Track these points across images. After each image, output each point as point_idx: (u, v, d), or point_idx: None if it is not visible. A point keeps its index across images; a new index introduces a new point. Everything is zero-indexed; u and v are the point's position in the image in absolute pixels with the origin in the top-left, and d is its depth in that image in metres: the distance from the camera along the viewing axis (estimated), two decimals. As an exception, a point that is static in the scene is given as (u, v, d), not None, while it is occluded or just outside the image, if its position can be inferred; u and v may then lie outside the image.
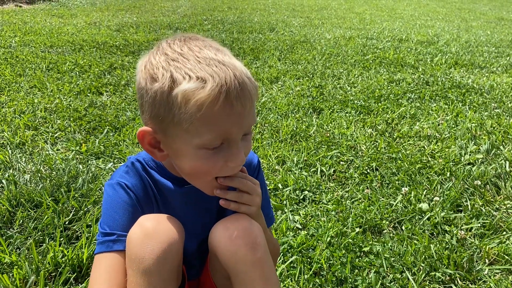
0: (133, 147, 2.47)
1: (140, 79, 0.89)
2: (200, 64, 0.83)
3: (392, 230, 1.86)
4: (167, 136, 0.89)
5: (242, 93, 0.84)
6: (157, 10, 8.59)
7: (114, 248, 0.94)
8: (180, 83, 0.82)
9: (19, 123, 2.71)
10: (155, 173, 1.04)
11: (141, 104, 0.90)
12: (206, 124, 0.83)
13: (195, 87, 0.80)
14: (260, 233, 0.97)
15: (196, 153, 0.87)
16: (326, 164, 2.37)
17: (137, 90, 0.92)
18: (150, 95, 0.85)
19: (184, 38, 0.90)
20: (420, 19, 9.00)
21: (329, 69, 4.45)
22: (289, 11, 9.42)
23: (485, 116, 3.18)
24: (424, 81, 4.06)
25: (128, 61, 4.42)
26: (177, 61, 0.84)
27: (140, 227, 0.91)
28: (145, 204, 1.02)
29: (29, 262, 1.51)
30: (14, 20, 6.53)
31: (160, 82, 0.83)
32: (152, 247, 0.87)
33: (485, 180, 2.22)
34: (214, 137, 0.85)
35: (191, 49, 0.86)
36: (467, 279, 1.57)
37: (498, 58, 5.24)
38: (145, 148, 0.93)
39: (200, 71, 0.82)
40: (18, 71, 3.83)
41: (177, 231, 0.93)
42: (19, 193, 1.91)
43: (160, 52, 0.88)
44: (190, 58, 0.84)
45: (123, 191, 0.99)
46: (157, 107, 0.85)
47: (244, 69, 0.87)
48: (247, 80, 0.86)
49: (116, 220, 0.96)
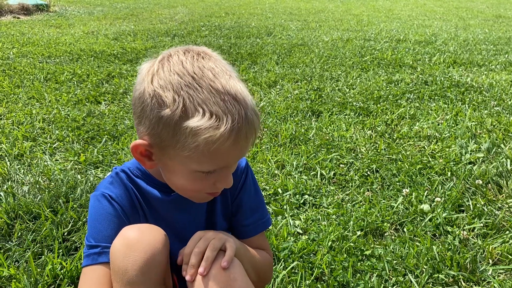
0: (131, 155, 2.45)
1: (145, 92, 0.84)
2: (215, 97, 0.81)
3: (393, 233, 1.85)
4: (164, 153, 0.88)
5: (249, 132, 0.85)
6: (154, 18, 8.61)
7: (99, 260, 0.93)
8: (192, 116, 0.80)
9: (17, 134, 2.71)
10: (141, 182, 1.03)
11: (140, 116, 0.87)
12: (209, 156, 0.84)
13: (208, 126, 0.79)
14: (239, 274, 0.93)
15: (190, 174, 0.89)
16: (326, 167, 2.36)
17: (137, 99, 0.87)
18: (155, 115, 0.83)
19: (197, 55, 0.86)
20: (418, 19, 9.00)
21: (327, 71, 4.44)
22: (286, 15, 9.43)
23: (485, 114, 3.16)
24: (422, 81, 4.05)
25: (126, 69, 4.42)
26: (190, 88, 0.81)
27: (122, 239, 0.89)
28: (131, 215, 1.01)
29: (27, 275, 1.50)
30: (12, 32, 6.55)
31: (170, 108, 0.80)
32: (134, 258, 0.86)
33: (487, 179, 2.20)
34: (213, 166, 0.88)
35: (205, 74, 0.83)
36: (471, 280, 1.55)
37: (496, 56, 5.23)
38: (135, 156, 0.92)
39: (214, 106, 0.80)
40: (16, 82, 3.83)
41: (161, 240, 0.91)
42: (18, 205, 1.90)
43: (171, 67, 0.84)
44: (204, 86, 0.81)
45: (107, 202, 0.98)
46: (160, 128, 0.83)
47: (253, 102, 0.87)
48: (255, 118, 0.86)
49: (101, 232, 0.95)
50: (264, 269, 1.14)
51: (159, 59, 0.88)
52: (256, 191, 1.17)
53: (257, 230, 1.16)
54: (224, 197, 1.12)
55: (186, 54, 0.87)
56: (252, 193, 1.15)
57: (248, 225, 1.14)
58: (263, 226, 1.17)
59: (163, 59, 0.87)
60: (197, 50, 0.88)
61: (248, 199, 1.14)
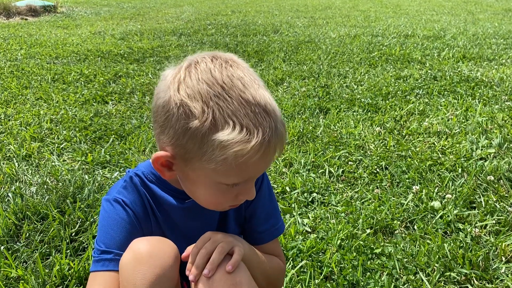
0: (138, 155, 2.45)
1: (171, 101, 0.80)
2: (245, 109, 0.78)
3: (404, 230, 1.82)
4: (187, 164, 0.85)
5: (278, 145, 0.83)
6: (161, 17, 8.61)
7: (110, 267, 0.91)
8: (222, 129, 0.77)
9: (25, 135, 2.71)
10: (155, 187, 1.00)
11: (163, 125, 0.83)
12: (236, 170, 0.81)
13: (240, 140, 0.77)
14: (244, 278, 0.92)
15: (213, 186, 0.87)
16: (334, 165, 2.33)
17: (160, 107, 0.83)
18: (181, 125, 0.79)
19: (225, 63, 0.83)
20: (426, 14, 8.91)
21: (334, 68, 4.40)
22: (293, 12, 9.39)
23: (495, 109, 3.11)
24: (431, 76, 4.00)
25: (133, 69, 4.43)
26: (220, 98, 0.78)
27: (132, 252, 0.88)
28: (143, 221, 0.99)
29: (35, 276, 1.50)
30: (20, 33, 6.59)
31: (199, 120, 0.77)
32: (143, 272, 0.84)
33: (498, 175, 2.16)
34: (239, 180, 0.85)
35: (234, 84, 0.80)
36: (484, 279, 1.52)
37: (507, 50, 5.15)
38: (155, 167, 0.88)
39: (245, 119, 0.77)
40: (24, 83, 3.85)
41: (171, 255, 0.89)
42: (25, 206, 1.90)
43: (199, 76, 0.80)
44: (234, 97, 0.78)
45: (121, 208, 0.96)
46: (186, 139, 0.80)
47: (280, 114, 0.85)
48: (283, 130, 0.84)
49: (114, 237, 0.94)
50: (275, 276, 1.11)
51: (185, 65, 0.83)
52: (271, 197, 1.14)
53: (271, 236, 1.13)
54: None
55: (214, 61, 0.83)
56: (266, 200, 1.12)
57: (262, 232, 1.12)
58: (277, 233, 1.15)
59: (189, 66, 0.83)
60: (224, 58, 0.85)
61: (262, 206, 1.11)
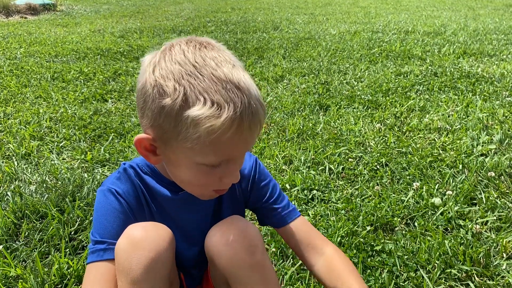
0: (138, 153, 2.44)
1: (147, 83, 0.82)
2: (216, 86, 0.78)
3: (404, 227, 1.81)
4: (167, 146, 0.86)
5: (253, 122, 0.82)
6: (160, 15, 8.60)
7: (105, 257, 0.91)
8: (193, 105, 0.77)
9: (24, 134, 2.71)
10: (150, 179, 1.01)
11: (142, 108, 0.85)
12: (212, 147, 0.81)
13: (209, 114, 0.77)
14: (257, 234, 0.94)
15: (194, 167, 0.86)
16: (334, 162, 2.32)
17: (139, 91, 0.86)
18: (156, 105, 0.80)
19: (199, 45, 0.84)
20: (426, 10, 8.88)
21: (335, 64, 4.39)
22: (293, 9, 9.37)
23: (496, 105, 3.10)
24: (432, 73, 3.98)
25: (132, 66, 4.42)
26: (192, 76, 0.79)
27: (126, 238, 0.88)
28: (137, 212, 0.99)
29: (34, 275, 1.49)
30: (20, 32, 6.57)
31: (171, 97, 0.78)
32: (139, 256, 0.84)
33: (499, 171, 2.15)
34: (217, 159, 0.84)
35: (207, 63, 0.81)
36: (485, 275, 1.51)
37: (508, 45, 5.13)
38: (140, 151, 0.90)
39: (216, 95, 0.77)
40: (23, 82, 3.84)
41: (166, 238, 0.89)
42: (25, 204, 1.90)
43: (173, 57, 0.82)
44: (206, 74, 0.79)
45: (113, 198, 0.96)
46: (162, 119, 0.81)
47: (257, 92, 0.84)
48: (259, 107, 0.83)
49: (107, 227, 0.94)
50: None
51: (161, 50, 0.86)
52: (270, 182, 1.14)
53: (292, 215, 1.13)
54: (232, 194, 1.10)
55: (189, 44, 0.85)
56: (268, 185, 1.13)
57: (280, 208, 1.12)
58: (294, 213, 1.13)
59: (165, 50, 0.85)
60: (200, 40, 0.86)
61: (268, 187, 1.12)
